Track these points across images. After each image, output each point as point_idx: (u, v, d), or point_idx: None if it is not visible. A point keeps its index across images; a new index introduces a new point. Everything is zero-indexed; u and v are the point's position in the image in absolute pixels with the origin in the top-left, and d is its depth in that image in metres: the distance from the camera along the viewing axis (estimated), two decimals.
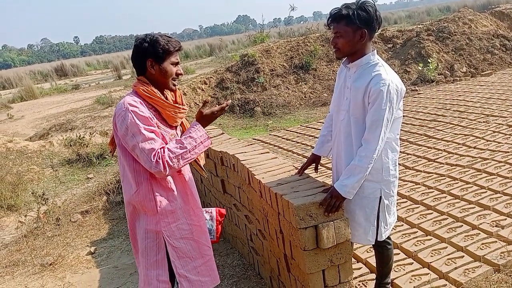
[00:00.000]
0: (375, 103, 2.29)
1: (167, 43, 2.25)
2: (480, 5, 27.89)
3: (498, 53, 11.38)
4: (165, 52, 2.25)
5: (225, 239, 4.26)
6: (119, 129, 2.18)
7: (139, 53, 2.26)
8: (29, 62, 74.37)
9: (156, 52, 2.23)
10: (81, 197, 6.06)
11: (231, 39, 36.87)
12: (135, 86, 2.29)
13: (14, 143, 8.66)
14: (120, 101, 2.26)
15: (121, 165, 2.32)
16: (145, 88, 2.25)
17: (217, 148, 3.73)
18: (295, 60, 11.74)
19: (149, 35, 2.27)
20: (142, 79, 2.29)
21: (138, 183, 2.26)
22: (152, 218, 2.29)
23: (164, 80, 2.28)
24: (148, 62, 2.24)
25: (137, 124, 2.15)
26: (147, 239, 2.31)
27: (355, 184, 2.35)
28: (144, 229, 2.31)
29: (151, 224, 2.29)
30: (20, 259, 4.40)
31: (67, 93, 21.16)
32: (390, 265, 2.75)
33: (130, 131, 2.15)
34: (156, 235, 2.30)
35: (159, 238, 2.31)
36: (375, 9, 2.34)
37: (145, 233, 2.31)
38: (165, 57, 2.26)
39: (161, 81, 2.29)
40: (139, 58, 2.27)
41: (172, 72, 2.29)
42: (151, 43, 2.23)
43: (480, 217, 3.60)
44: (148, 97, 2.24)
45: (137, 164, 2.24)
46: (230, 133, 8.22)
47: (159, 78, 2.28)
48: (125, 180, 2.32)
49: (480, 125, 6.16)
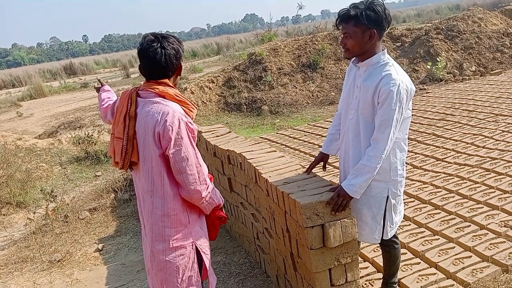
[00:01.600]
0: (385, 103, 2.28)
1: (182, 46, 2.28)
2: (490, 4, 27.61)
3: (508, 52, 11.27)
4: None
5: (232, 237, 4.26)
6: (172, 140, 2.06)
7: (177, 54, 2.18)
8: (38, 61, 74.89)
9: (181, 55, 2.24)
10: (89, 194, 6.10)
11: (239, 38, 36.88)
12: (161, 90, 2.14)
13: (23, 141, 8.74)
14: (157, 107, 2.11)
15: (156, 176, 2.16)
16: (175, 91, 2.18)
17: (224, 147, 3.73)
18: (302, 59, 11.72)
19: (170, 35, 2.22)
20: (165, 82, 2.17)
21: (175, 194, 2.18)
22: (183, 231, 2.22)
23: (177, 82, 2.28)
24: (180, 67, 2.25)
25: (190, 139, 2.12)
26: (179, 256, 2.21)
27: (363, 184, 2.35)
28: (174, 248, 2.20)
29: (181, 239, 2.21)
30: (29, 256, 4.44)
31: (76, 91, 21.32)
32: (397, 264, 2.74)
33: (184, 144, 2.08)
34: (188, 249, 2.24)
35: (191, 252, 2.24)
36: (384, 8, 2.31)
37: (176, 251, 2.21)
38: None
39: (177, 83, 2.28)
40: (177, 59, 2.19)
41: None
42: (180, 45, 2.22)
43: (488, 217, 3.57)
44: (180, 101, 2.17)
45: (171, 175, 2.16)
46: (237, 132, 8.22)
47: (176, 79, 2.26)
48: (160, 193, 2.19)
49: (489, 124, 6.10)
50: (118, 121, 2.21)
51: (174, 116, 2.08)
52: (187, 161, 2.10)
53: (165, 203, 2.18)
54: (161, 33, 2.22)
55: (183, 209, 2.22)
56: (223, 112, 10.58)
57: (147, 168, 2.15)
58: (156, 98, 2.14)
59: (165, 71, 2.18)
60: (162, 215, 2.19)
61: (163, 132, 2.07)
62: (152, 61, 2.14)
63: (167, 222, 2.19)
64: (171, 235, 2.20)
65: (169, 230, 2.20)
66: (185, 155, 2.09)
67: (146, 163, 2.15)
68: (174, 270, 2.22)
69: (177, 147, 2.08)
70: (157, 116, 2.09)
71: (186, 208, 2.23)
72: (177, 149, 2.08)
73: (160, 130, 2.07)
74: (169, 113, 2.09)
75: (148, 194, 2.21)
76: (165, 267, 2.23)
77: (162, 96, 2.15)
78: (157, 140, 2.10)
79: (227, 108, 10.69)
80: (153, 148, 2.12)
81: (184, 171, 2.11)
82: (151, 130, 2.10)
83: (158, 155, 2.12)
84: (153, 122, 2.09)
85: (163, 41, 2.15)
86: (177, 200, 2.20)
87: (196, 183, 2.14)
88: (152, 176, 2.16)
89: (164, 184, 2.17)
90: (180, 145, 2.08)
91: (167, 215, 2.18)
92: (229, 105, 10.73)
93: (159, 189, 2.18)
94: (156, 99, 2.14)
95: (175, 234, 2.20)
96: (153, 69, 2.17)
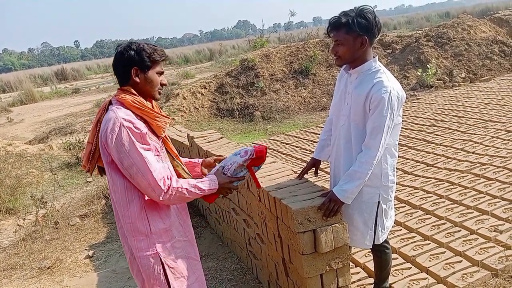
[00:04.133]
0: (376, 109, 2.30)
1: (154, 52, 2.17)
2: (479, 11, 28.01)
3: (497, 58, 11.43)
4: (151, 61, 2.16)
5: (224, 243, 4.25)
6: (112, 147, 2.02)
7: (123, 61, 2.14)
8: (29, 66, 74.43)
9: (142, 61, 2.13)
10: (79, 200, 6.06)
11: (231, 44, 37.00)
12: (121, 97, 2.12)
13: (13, 147, 8.66)
14: (107, 115, 2.09)
15: (110, 183, 2.14)
16: (133, 98, 2.12)
17: (216, 152, 3.73)
18: (294, 65, 11.78)
19: (134, 43, 2.18)
20: (128, 89, 2.14)
21: (129, 201, 2.11)
22: (145, 241, 2.13)
23: (149, 89, 2.18)
24: (133, 70, 2.13)
25: (134, 144, 2.03)
26: (143, 267, 2.14)
27: (354, 189, 2.36)
28: (138, 257, 2.14)
29: (144, 249, 2.13)
30: (18, 263, 4.39)
31: (67, 96, 21.20)
32: (388, 269, 2.75)
33: (126, 151, 2.02)
34: (153, 260, 2.14)
35: (156, 263, 2.15)
36: (374, 15, 2.33)
37: (140, 261, 2.14)
38: (151, 66, 2.17)
39: (145, 91, 2.18)
40: (123, 66, 2.15)
41: (158, 82, 2.20)
42: (137, 51, 2.13)
43: (478, 222, 3.60)
44: (137, 108, 2.12)
45: (127, 181, 2.09)
46: (230, 137, 8.22)
47: (143, 87, 2.17)
48: (115, 199, 2.15)
49: (479, 130, 6.17)
50: (92, 127, 2.24)
51: (115, 123, 2.04)
52: (133, 168, 2.03)
53: (119, 210, 2.14)
54: (131, 41, 2.21)
55: (141, 217, 2.12)
56: (215, 118, 10.58)
57: (108, 173, 2.16)
58: (114, 106, 2.14)
59: (121, 79, 2.19)
60: (121, 222, 2.17)
61: (106, 140, 2.05)
62: (113, 70, 2.21)
63: (126, 230, 2.15)
64: (133, 244, 2.15)
65: (130, 239, 2.15)
66: (130, 162, 2.03)
67: (107, 166, 2.15)
68: (142, 279, 2.19)
69: (120, 154, 2.03)
70: (104, 124, 2.09)
71: (145, 216, 2.12)
72: (120, 156, 2.03)
73: (103, 138, 2.07)
74: (110, 119, 2.06)
75: (112, 199, 2.22)
76: (136, 276, 2.22)
77: (121, 103, 2.14)
78: (104, 148, 2.09)
79: (220, 114, 10.70)
80: (104, 155, 2.12)
81: (134, 177, 2.05)
82: (101, 138, 2.11)
83: (107, 162, 2.11)
84: (102, 130, 2.10)
85: (121, 49, 2.17)
86: (133, 207, 2.11)
87: (149, 188, 2.06)
88: (109, 183, 2.16)
89: (116, 191, 2.13)
90: (122, 152, 2.03)
91: (124, 223, 2.15)
92: (221, 111, 10.75)
93: (113, 196, 2.16)
94: (113, 107, 2.14)
95: (136, 243, 2.14)
96: (116, 77, 2.22)
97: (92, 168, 2.25)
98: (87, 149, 2.25)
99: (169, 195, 2.08)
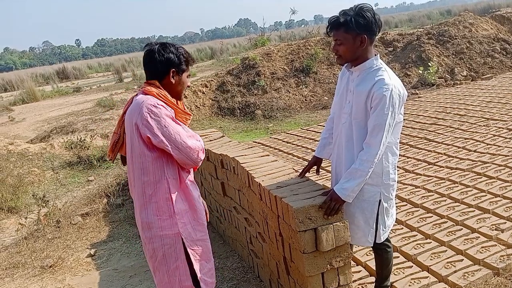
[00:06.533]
0: (377, 107, 2.30)
1: (189, 56, 2.37)
2: (481, 9, 27.93)
3: (498, 56, 11.40)
4: (186, 65, 2.36)
5: (225, 241, 4.26)
6: (151, 122, 2.17)
7: (163, 61, 2.29)
8: (30, 65, 74.49)
9: (181, 64, 2.32)
10: (81, 199, 6.07)
11: (232, 42, 36.98)
12: (147, 89, 2.29)
13: (15, 146, 8.68)
14: (135, 101, 2.27)
15: (139, 166, 2.28)
16: (158, 91, 2.28)
17: (217, 151, 3.74)
18: (295, 63, 11.76)
19: (170, 44, 2.34)
20: (154, 83, 2.31)
21: (157, 182, 2.26)
22: (168, 221, 2.27)
23: (180, 90, 2.37)
24: (172, 72, 2.30)
25: (171, 118, 2.22)
26: (165, 245, 2.28)
27: (355, 188, 2.36)
28: (159, 236, 2.28)
29: (167, 228, 2.27)
30: (20, 261, 4.40)
31: (68, 95, 21.19)
32: (389, 268, 2.75)
33: (166, 123, 2.19)
34: (174, 239, 2.29)
35: (177, 242, 2.29)
36: (373, 13, 2.33)
37: (161, 240, 2.28)
38: (185, 69, 2.36)
39: (176, 91, 2.36)
40: (162, 65, 2.30)
41: (187, 83, 2.40)
42: (177, 55, 2.31)
43: (479, 221, 3.60)
44: (162, 100, 2.27)
45: (156, 162, 2.25)
46: (231, 136, 8.23)
47: (176, 88, 2.35)
48: (138, 182, 2.29)
49: (480, 128, 6.16)
50: (118, 119, 2.45)
51: (149, 104, 2.22)
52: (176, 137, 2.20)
53: (146, 191, 2.27)
54: (162, 42, 2.37)
55: (166, 197, 2.27)
56: (217, 117, 10.59)
57: (133, 159, 2.29)
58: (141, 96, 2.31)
59: (154, 74, 2.33)
60: (145, 202, 2.29)
61: (142, 119, 2.20)
62: (144, 65, 2.36)
63: (150, 210, 2.28)
64: (155, 223, 2.28)
65: (153, 218, 2.28)
66: (171, 131, 2.20)
67: (132, 154, 2.28)
68: (162, 258, 2.31)
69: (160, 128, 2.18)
70: (135, 107, 2.25)
71: (169, 197, 2.27)
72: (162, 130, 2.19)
73: (138, 119, 2.21)
74: (142, 103, 2.23)
75: (133, 184, 2.34)
76: (154, 255, 2.33)
77: (147, 95, 2.29)
78: (136, 130, 2.23)
79: (221, 112, 10.70)
80: (135, 139, 2.24)
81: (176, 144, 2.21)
82: (132, 123, 2.25)
83: (141, 144, 2.24)
84: (132, 116, 2.25)
85: (159, 48, 2.31)
86: (159, 188, 2.26)
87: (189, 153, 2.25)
88: (136, 166, 2.28)
89: (145, 173, 2.27)
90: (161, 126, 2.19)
91: (149, 202, 2.28)
92: (222, 110, 10.75)
93: (142, 178, 2.28)
94: (140, 95, 2.31)
95: (159, 223, 2.28)
96: (146, 71, 2.37)
97: (115, 157, 2.46)
98: (112, 139, 2.44)
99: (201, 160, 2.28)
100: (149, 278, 3.81)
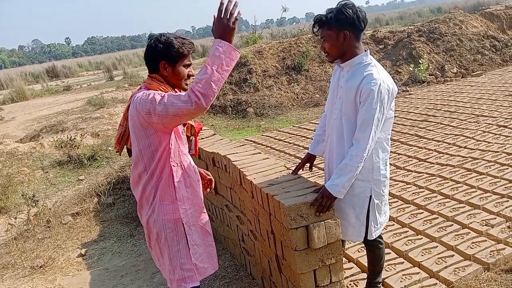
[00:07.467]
0: (366, 102, 2.31)
1: (181, 46, 2.29)
2: (471, 6, 28.11)
3: (488, 53, 11.49)
4: (178, 55, 2.29)
5: (217, 239, 4.24)
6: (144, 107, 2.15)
7: (152, 54, 2.30)
8: (20, 64, 73.73)
9: (170, 55, 2.28)
10: (72, 199, 6.01)
11: None
12: (148, 83, 2.32)
13: (4, 145, 8.58)
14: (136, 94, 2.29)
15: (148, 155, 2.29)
16: (159, 85, 2.29)
17: (208, 149, 3.72)
18: (287, 61, 11.76)
19: (163, 35, 2.30)
20: (155, 77, 2.33)
21: (162, 168, 2.30)
22: (170, 206, 2.33)
23: (176, 81, 2.34)
24: (161, 64, 2.29)
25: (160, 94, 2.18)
26: (166, 229, 2.34)
27: (346, 183, 2.36)
28: (162, 220, 2.33)
29: (169, 213, 2.33)
30: (10, 262, 4.35)
31: (58, 94, 20.99)
32: (381, 264, 2.76)
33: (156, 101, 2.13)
34: (175, 224, 2.34)
35: (178, 227, 2.35)
36: (356, 9, 2.37)
37: (163, 224, 2.34)
38: (179, 60, 2.30)
39: (173, 82, 2.34)
40: (152, 58, 2.31)
41: (184, 74, 2.35)
42: (165, 45, 2.27)
43: (470, 216, 3.63)
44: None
45: (160, 151, 2.26)
46: (222, 134, 8.21)
47: (171, 79, 2.33)
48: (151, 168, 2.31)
49: (471, 125, 6.21)
50: (124, 112, 2.48)
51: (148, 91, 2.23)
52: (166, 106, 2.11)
53: (150, 177, 2.31)
54: (161, 33, 2.34)
55: (169, 184, 2.31)
56: (208, 115, 10.54)
57: (138, 147, 2.30)
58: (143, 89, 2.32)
59: (149, 68, 2.35)
60: (149, 188, 2.33)
61: (140, 102, 2.19)
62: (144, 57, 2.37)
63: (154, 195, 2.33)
64: (160, 209, 2.33)
65: (158, 204, 2.33)
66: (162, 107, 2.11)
67: (137, 143, 2.29)
68: (165, 241, 2.36)
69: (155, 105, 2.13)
70: (136, 98, 2.26)
71: (172, 184, 2.31)
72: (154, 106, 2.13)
73: (139, 105, 2.20)
74: (142, 93, 2.24)
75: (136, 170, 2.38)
76: (158, 238, 2.37)
77: (148, 89, 2.29)
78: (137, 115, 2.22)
79: (212, 110, 10.66)
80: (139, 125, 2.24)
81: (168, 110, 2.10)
82: (134, 113, 2.25)
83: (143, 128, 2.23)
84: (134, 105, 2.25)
85: (153, 40, 2.30)
86: (164, 175, 2.30)
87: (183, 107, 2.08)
88: (141, 153, 2.30)
89: (150, 158, 2.29)
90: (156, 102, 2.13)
91: (153, 187, 2.32)
92: (214, 108, 10.71)
93: (146, 164, 2.31)
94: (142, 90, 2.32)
95: (162, 208, 2.33)
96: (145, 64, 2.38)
97: (121, 149, 2.53)
98: (118, 131, 2.52)
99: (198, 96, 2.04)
100: (140, 278, 3.79)
